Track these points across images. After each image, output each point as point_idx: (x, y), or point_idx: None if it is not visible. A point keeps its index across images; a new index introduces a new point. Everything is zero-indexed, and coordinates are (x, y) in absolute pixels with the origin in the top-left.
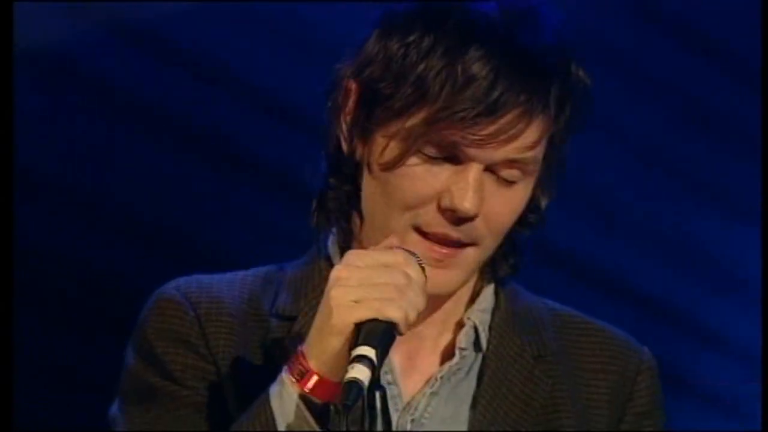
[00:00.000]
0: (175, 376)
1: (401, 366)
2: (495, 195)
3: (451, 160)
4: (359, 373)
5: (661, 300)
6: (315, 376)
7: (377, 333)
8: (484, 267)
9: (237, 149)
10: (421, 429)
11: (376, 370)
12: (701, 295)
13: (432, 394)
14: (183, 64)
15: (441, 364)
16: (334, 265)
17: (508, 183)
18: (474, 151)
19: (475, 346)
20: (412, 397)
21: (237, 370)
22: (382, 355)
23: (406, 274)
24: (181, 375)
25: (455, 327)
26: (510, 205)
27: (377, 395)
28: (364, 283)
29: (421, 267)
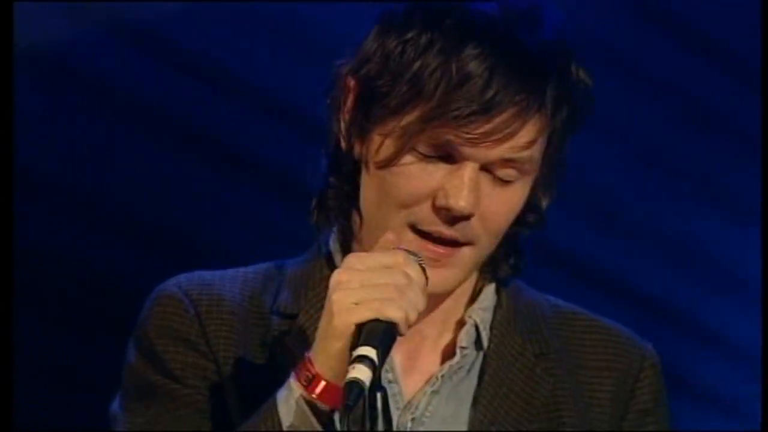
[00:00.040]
0: (175, 375)
1: (402, 365)
2: (491, 194)
3: (447, 158)
4: (360, 373)
5: (661, 300)
6: (322, 381)
7: (378, 333)
8: (484, 267)
9: (237, 149)
10: (421, 428)
11: (377, 370)
12: (701, 295)
13: (433, 393)
14: (183, 64)
15: (442, 363)
16: (335, 263)
17: (505, 182)
18: (469, 150)
19: (476, 344)
20: (412, 396)
21: (237, 369)
22: (383, 355)
23: (407, 275)
24: (181, 373)
25: (456, 326)
26: (506, 204)
27: (378, 395)
28: (365, 285)
29: (422, 267)
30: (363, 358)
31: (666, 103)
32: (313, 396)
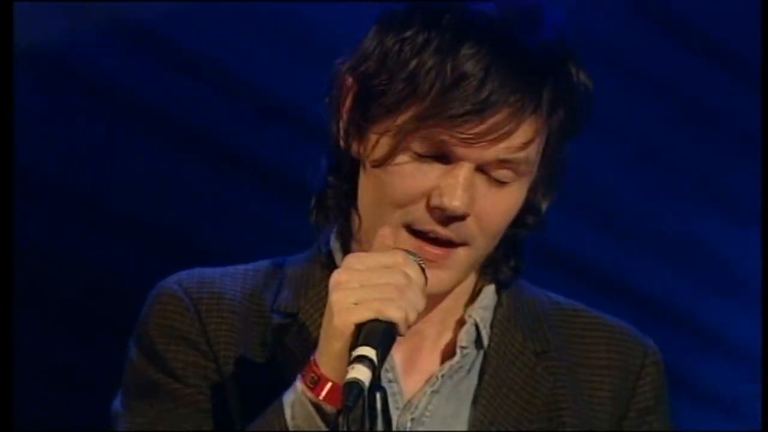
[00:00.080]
0: (177, 374)
1: (402, 364)
2: (487, 195)
3: (442, 158)
4: (359, 374)
5: (661, 300)
6: (329, 383)
7: (377, 333)
8: (484, 269)
9: (237, 149)
10: (421, 428)
11: (376, 370)
12: (701, 295)
13: (433, 393)
14: (183, 64)
15: (442, 363)
16: (335, 262)
17: (501, 184)
18: (463, 150)
19: (477, 343)
20: (412, 396)
21: (237, 368)
22: (382, 356)
23: (406, 275)
24: (182, 373)
25: (456, 325)
26: (502, 205)
27: (378, 396)
28: (365, 285)
29: (421, 267)
30: (362, 359)
31: (666, 103)
32: (320, 398)
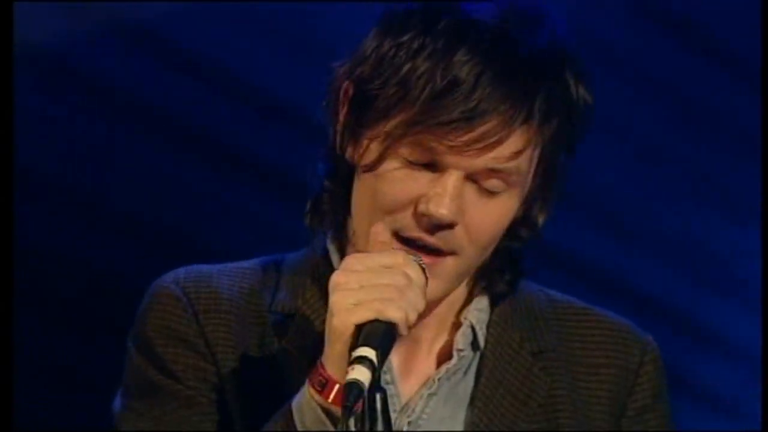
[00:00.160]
0: (177, 376)
1: (398, 367)
2: (477, 205)
3: (432, 166)
4: (359, 374)
5: (661, 300)
6: (336, 385)
7: (377, 334)
8: (478, 282)
9: (237, 149)
10: (418, 430)
11: (376, 371)
12: (701, 295)
13: (430, 396)
14: (183, 64)
15: (438, 365)
16: (332, 263)
17: (491, 194)
18: (453, 158)
19: (473, 345)
20: (409, 399)
21: (236, 370)
22: (382, 356)
23: (406, 275)
24: (182, 375)
25: (452, 327)
26: (492, 215)
27: (377, 396)
28: (364, 285)
29: (421, 267)
30: (362, 359)
31: (666, 103)
32: (328, 401)
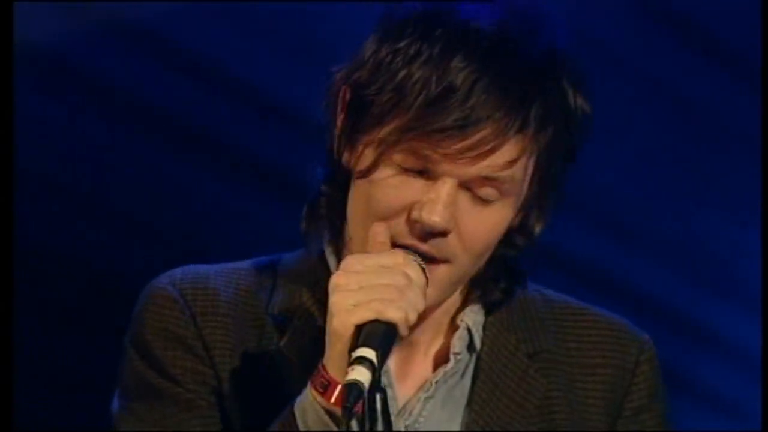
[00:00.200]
0: (176, 379)
1: (395, 370)
2: (470, 213)
3: (426, 173)
4: (359, 375)
5: (661, 300)
6: (338, 386)
7: (377, 334)
8: (473, 288)
9: (237, 149)
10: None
11: (376, 371)
12: (701, 295)
13: (427, 399)
14: (183, 64)
15: (435, 368)
16: (328, 265)
17: (485, 202)
18: (446, 166)
19: (469, 347)
20: (406, 402)
21: (234, 373)
22: (383, 357)
23: (406, 275)
24: (181, 378)
25: (448, 329)
26: (485, 224)
27: (377, 397)
28: (364, 286)
29: (421, 267)
30: (362, 360)
31: (666, 103)
32: (331, 402)
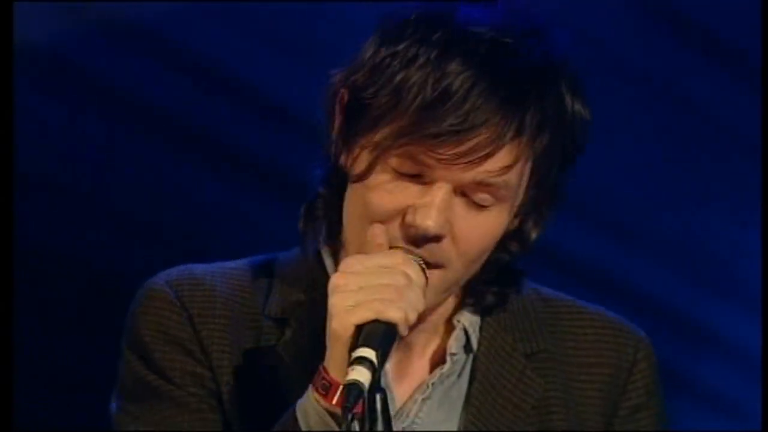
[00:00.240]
0: (175, 382)
1: (392, 372)
2: (465, 218)
3: (421, 178)
4: (359, 375)
5: (661, 300)
6: (339, 387)
7: (377, 334)
8: (468, 292)
9: (236, 149)
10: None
11: (376, 371)
12: (701, 295)
13: (423, 400)
14: (183, 64)
15: (431, 369)
16: (325, 266)
17: (480, 207)
18: (441, 171)
19: (466, 347)
20: (403, 403)
21: (232, 375)
22: (383, 357)
23: (406, 275)
24: (180, 380)
25: (444, 330)
26: (480, 229)
27: (377, 397)
28: (363, 286)
29: (421, 267)
30: (362, 360)
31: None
32: (332, 403)
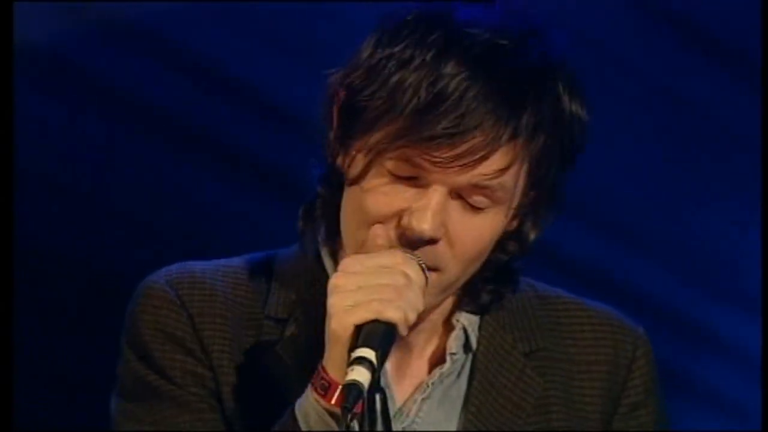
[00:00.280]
0: (175, 381)
1: (391, 372)
2: (461, 220)
3: (416, 180)
4: (359, 375)
5: (661, 300)
6: (338, 387)
7: (377, 334)
8: (466, 292)
9: (236, 149)
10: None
11: (376, 371)
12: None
13: (423, 400)
14: (183, 64)
15: (431, 369)
16: (324, 266)
17: (476, 209)
18: (436, 174)
19: (465, 347)
20: (403, 403)
21: (231, 374)
22: (382, 357)
23: (406, 275)
24: (181, 380)
25: (444, 330)
26: (476, 231)
27: (377, 397)
28: (363, 286)
29: (421, 267)
30: (362, 360)
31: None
32: (332, 403)
